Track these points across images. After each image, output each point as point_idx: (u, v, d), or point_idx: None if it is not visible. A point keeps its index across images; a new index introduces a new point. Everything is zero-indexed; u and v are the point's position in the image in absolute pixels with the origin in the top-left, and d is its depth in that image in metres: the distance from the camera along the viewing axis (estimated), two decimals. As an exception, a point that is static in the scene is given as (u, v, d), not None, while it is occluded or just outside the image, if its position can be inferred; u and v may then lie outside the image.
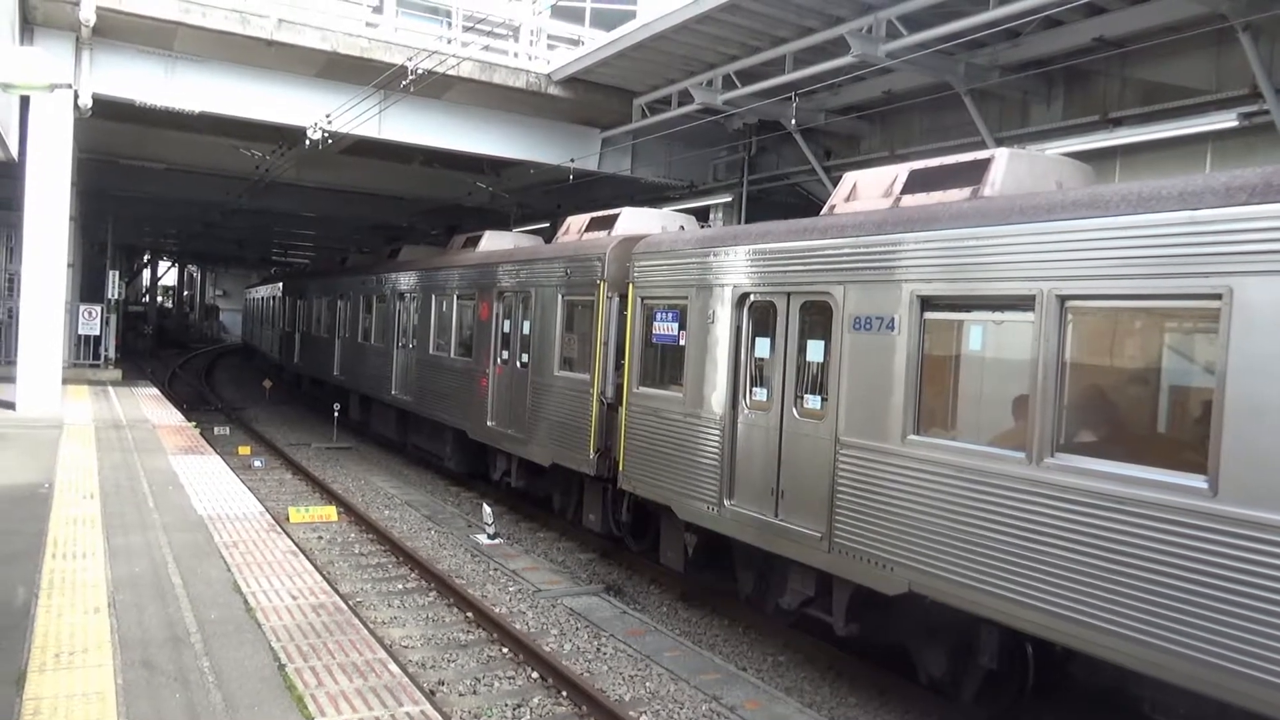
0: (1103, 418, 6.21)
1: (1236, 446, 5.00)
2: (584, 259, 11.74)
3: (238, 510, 9.33)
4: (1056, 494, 5.89)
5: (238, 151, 19.65)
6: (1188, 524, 5.18)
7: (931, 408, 7.05)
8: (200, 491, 10.04)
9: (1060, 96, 11.79)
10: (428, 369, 16.96)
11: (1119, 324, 6.14)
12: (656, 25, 13.14)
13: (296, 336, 29.06)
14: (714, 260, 9.21)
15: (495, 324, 14.12)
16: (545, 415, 12.36)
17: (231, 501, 9.74)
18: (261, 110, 15.66)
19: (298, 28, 14.45)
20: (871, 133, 14.78)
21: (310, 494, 15.29)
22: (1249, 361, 4.98)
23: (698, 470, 9.18)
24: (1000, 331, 6.77)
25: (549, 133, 17.39)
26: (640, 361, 10.41)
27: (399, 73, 13.86)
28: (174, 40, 14.38)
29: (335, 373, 23.46)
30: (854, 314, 7.48)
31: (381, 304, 20.07)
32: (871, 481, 7.23)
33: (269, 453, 18.84)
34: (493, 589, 10.37)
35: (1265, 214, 4.97)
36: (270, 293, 37.51)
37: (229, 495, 10.04)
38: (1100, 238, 5.77)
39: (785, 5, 11.69)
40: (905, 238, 7.14)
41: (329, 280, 25.54)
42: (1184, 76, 10.27)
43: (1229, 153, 9.80)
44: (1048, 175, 7.40)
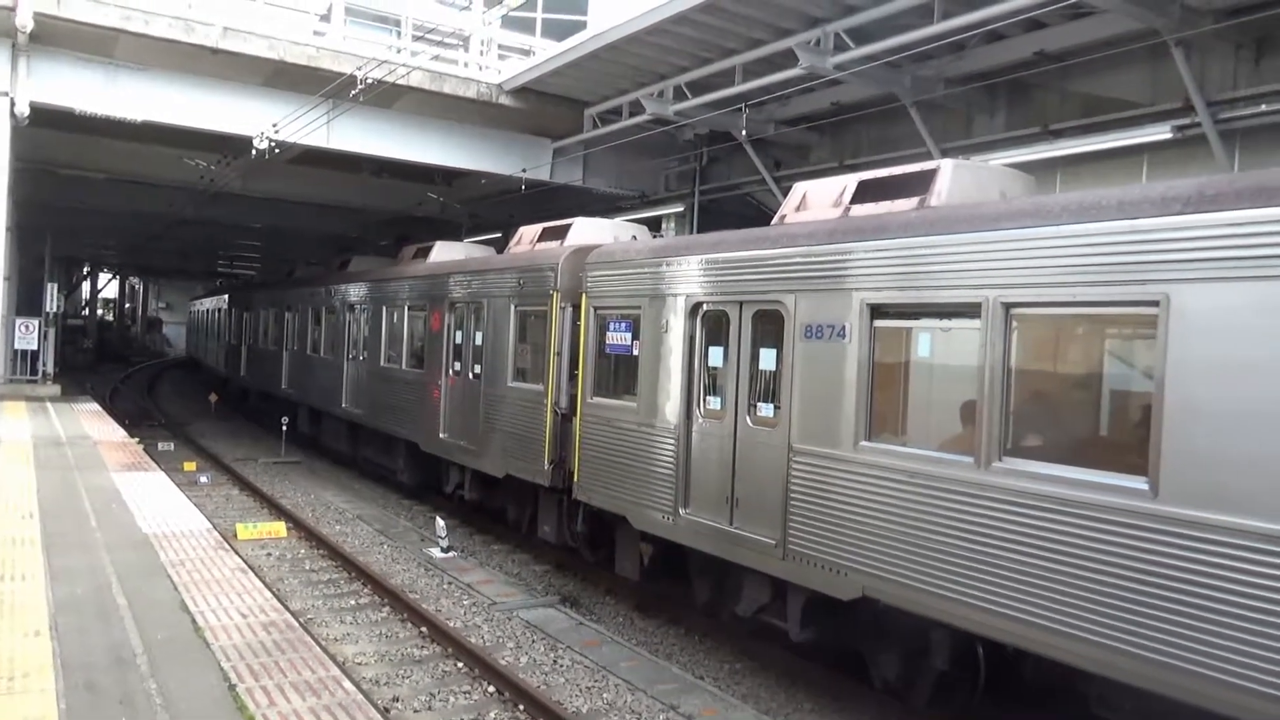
0: (1048, 422, 6.35)
1: (1175, 448, 5.15)
2: (537, 269, 11.71)
3: (184, 527, 9.13)
4: (1004, 497, 6.00)
5: (182, 161, 19.27)
6: (1130, 524, 5.31)
7: (882, 414, 7.15)
8: (144, 509, 9.80)
9: (1003, 109, 12.06)
10: (379, 381, 16.77)
11: (1062, 330, 6.29)
12: (608, 36, 13.19)
13: (243, 349, 28.57)
14: (667, 270, 9.25)
15: (447, 335, 14.02)
16: (499, 427, 12.29)
17: (177, 519, 9.53)
18: (206, 119, 15.39)
19: (244, 36, 14.25)
20: (821, 143, 14.97)
21: (259, 510, 15.02)
22: (1186, 366, 5.13)
23: (653, 480, 9.20)
24: (948, 338, 6.90)
25: (500, 143, 17.34)
26: (594, 372, 10.40)
27: (348, 82, 13.72)
28: (115, 48, 14.09)
29: (284, 386, 23.08)
30: (805, 322, 7.56)
31: (331, 315, 19.82)
32: (824, 488, 7.31)
33: (215, 468, 18.48)
34: (447, 603, 10.27)
35: (1199, 223, 5.14)
36: (216, 305, 36.83)
37: (174, 512, 9.83)
38: (1043, 246, 5.91)
39: (735, 18, 11.81)
40: (855, 247, 7.24)
41: (277, 292, 25.16)
42: (1121, 90, 10.57)
43: (1164, 163, 10.10)
44: (992, 185, 7.56)
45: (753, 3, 11.26)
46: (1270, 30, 9.15)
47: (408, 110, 16.16)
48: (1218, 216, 5.08)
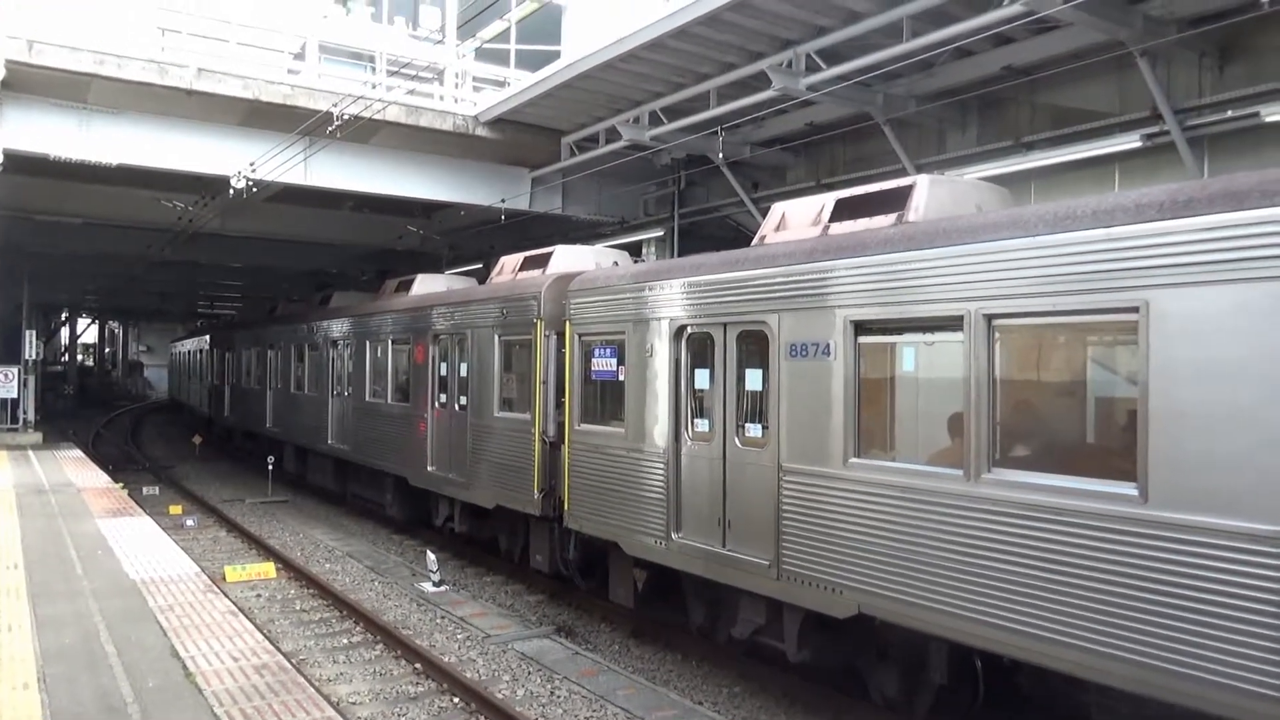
0: (1035, 431, 6.39)
1: (1162, 453, 5.18)
2: (519, 298, 11.72)
3: (172, 572, 9.03)
4: (994, 508, 6.02)
5: (159, 203, 19.21)
6: (1121, 530, 5.34)
7: (870, 430, 7.18)
8: (131, 555, 9.70)
9: (975, 123, 12.20)
10: (364, 416, 16.69)
11: (1045, 340, 6.34)
12: (581, 65, 13.29)
13: (226, 389, 28.39)
14: (649, 294, 9.28)
15: (432, 367, 13.99)
16: (487, 457, 12.24)
17: (165, 563, 9.43)
18: (183, 161, 15.37)
19: (218, 76, 14.27)
20: (797, 164, 15.09)
21: (247, 551, 14.86)
22: (1168, 370, 5.18)
23: (644, 505, 9.17)
24: (932, 352, 6.93)
25: (479, 174, 17.39)
26: (580, 398, 10.39)
27: (324, 119, 13.75)
28: (89, 93, 14.08)
29: (268, 424, 22.93)
30: (790, 341, 7.59)
31: (314, 352, 19.74)
32: (816, 506, 7.31)
33: (202, 511, 18.30)
34: (441, 638, 10.18)
35: (1174, 229, 5.21)
36: (197, 345, 36.63)
37: (162, 557, 9.72)
38: (1021, 257, 5.97)
39: (706, 42, 11.93)
40: (835, 265, 7.29)
41: (259, 330, 25.05)
42: (1090, 101, 10.72)
43: (1136, 171, 10.24)
44: (968, 199, 7.64)
45: (724, 27, 11.38)
46: (1232, 38, 9.32)
47: (385, 145, 16.20)
48: (1191, 222, 5.15)
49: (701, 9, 10.98)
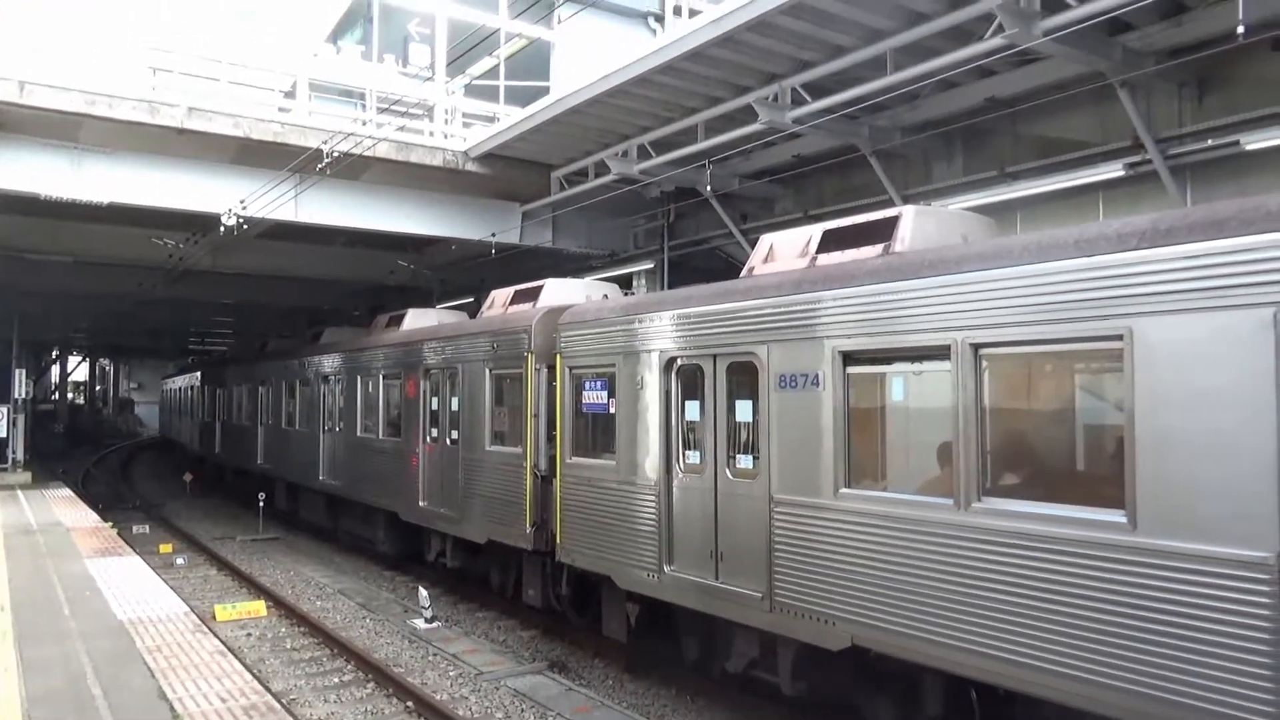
0: (1024, 460, 6.40)
1: (1150, 479, 5.20)
2: (510, 332, 11.74)
3: (161, 612, 8.95)
4: (985, 537, 6.02)
5: (150, 241, 19.22)
6: (1111, 558, 5.34)
7: (860, 460, 7.18)
8: (120, 595, 9.60)
9: (960, 154, 12.32)
10: (356, 451, 16.63)
11: (1032, 368, 6.37)
12: (570, 100, 13.40)
13: (217, 426, 28.28)
14: (639, 327, 9.31)
15: (423, 402, 13.97)
16: (479, 491, 12.20)
17: (154, 603, 9.34)
18: (174, 199, 15.41)
19: (209, 115, 14.34)
20: (785, 195, 15.19)
21: (237, 589, 14.74)
22: (1154, 397, 5.21)
23: (636, 538, 9.14)
24: (921, 382, 6.96)
25: (469, 209, 17.47)
26: (572, 431, 10.38)
27: (314, 156, 13.82)
28: (80, 132, 14.13)
29: (259, 461, 22.82)
30: (779, 372, 7.61)
31: (305, 388, 19.70)
32: (807, 537, 7.29)
33: (192, 549, 18.16)
34: (433, 675, 10.08)
35: (1156, 257, 5.26)
36: (188, 382, 36.53)
37: (151, 597, 9.64)
38: (1007, 287, 6.02)
39: (693, 77, 12.05)
40: (823, 296, 7.33)
41: (250, 367, 25.01)
42: (1073, 131, 10.84)
43: (1119, 200, 10.33)
44: (953, 229, 7.71)
45: (709, 62, 11.50)
46: (1210, 69, 9.45)
47: (375, 181, 16.28)
48: (1173, 250, 5.20)
49: (687, 45, 11.11)
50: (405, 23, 20.39)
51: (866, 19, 10.03)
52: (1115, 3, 8.10)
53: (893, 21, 10.01)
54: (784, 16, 10.03)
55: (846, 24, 10.19)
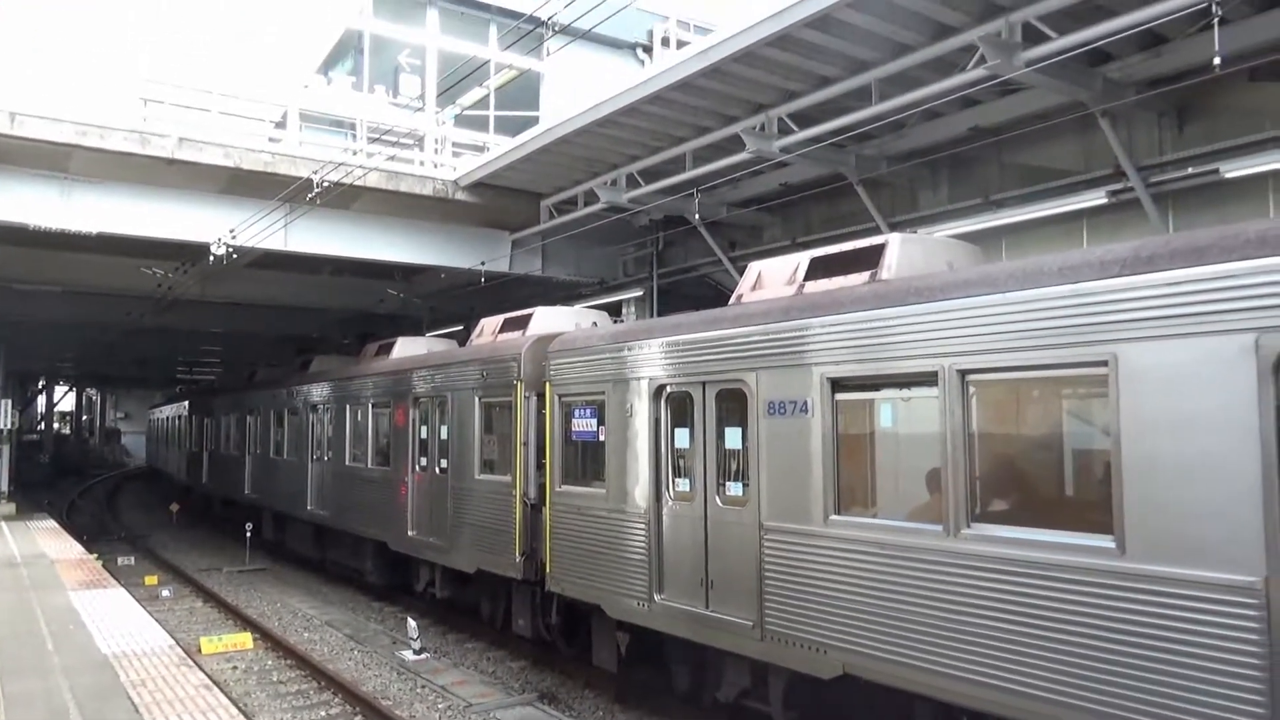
0: (1013, 485, 6.42)
1: (1137, 505, 5.23)
2: (499, 360, 11.74)
3: (145, 645, 8.85)
4: (975, 564, 6.02)
5: (139, 271, 19.20)
6: (1101, 584, 5.35)
7: (850, 487, 7.19)
8: (104, 628, 9.50)
9: (945, 182, 12.44)
10: (344, 481, 16.54)
11: (1018, 394, 6.40)
12: (559, 129, 13.50)
13: (205, 456, 28.11)
14: (629, 354, 9.33)
15: (412, 431, 13.93)
16: (468, 520, 12.14)
17: (138, 636, 9.24)
18: (163, 229, 15.42)
19: (200, 145, 14.39)
20: (772, 223, 15.29)
21: (223, 622, 14.59)
22: (1139, 422, 5.24)
23: (626, 566, 9.10)
24: (909, 408, 6.99)
25: (458, 237, 17.53)
26: (561, 460, 10.37)
27: (305, 185, 13.87)
28: (70, 162, 14.15)
29: (247, 491, 22.67)
30: (768, 399, 7.63)
31: (294, 417, 19.62)
32: (798, 565, 7.28)
33: (178, 580, 17.99)
34: (421, 708, 9.98)
35: (1139, 284, 5.32)
36: (176, 412, 36.34)
37: (135, 629, 9.53)
38: (992, 313, 6.07)
39: (681, 107, 12.17)
40: (811, 323, 7.37)
41: (238, 396, 24.91)
42: (1056, 159, 10.98)
43: (1103, 227, 10.45)
44: (939, 256, 7.77)
45: (697, 93, 11.62)
46: (1189, 99, 9.61)
47: (365, 210, 16.33)
48: (1155, 277, 5.26)
49: (675, 76, 11.23)
50: (396, 54, 20.55)
51: (851, 50, 10.17)
52: (1094, 34, 8.24)
53: (877, 53, 10.14)
54: (770, 48, 10.16)
55: (831, 55, 10.32)
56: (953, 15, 9.23)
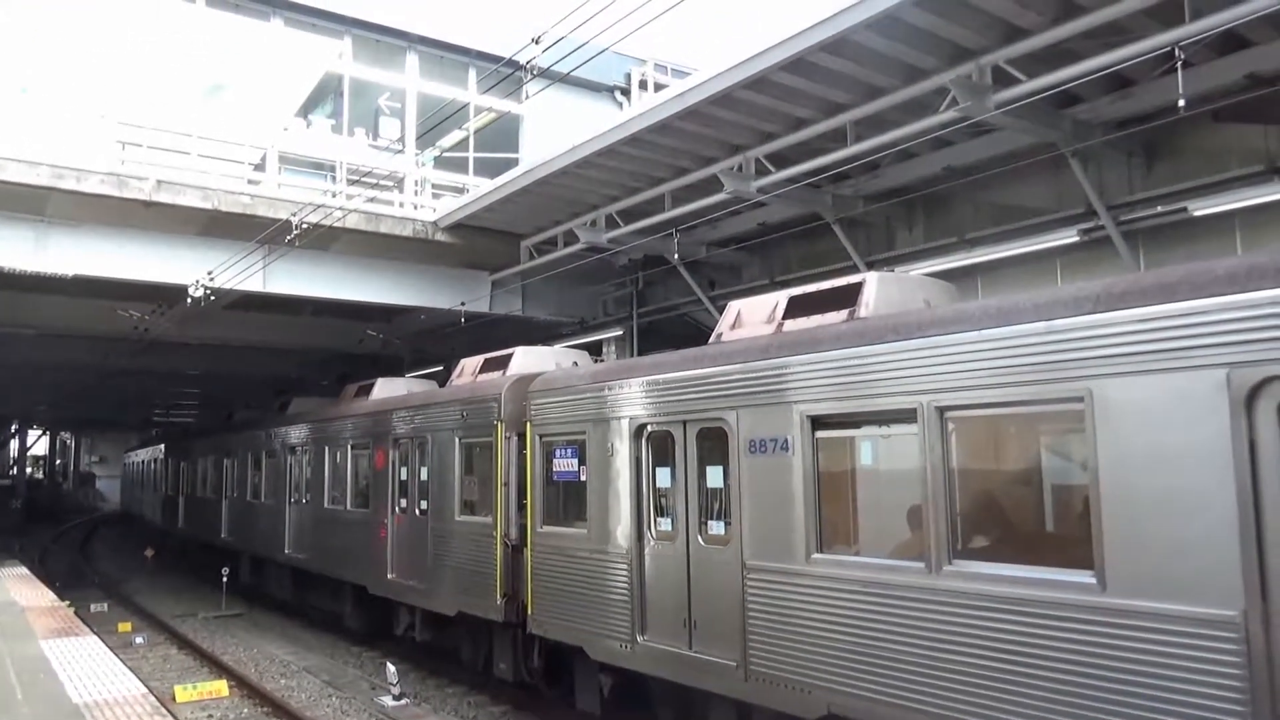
0: (994, 522, 6.45)
1: (1117, 540, 5.26)
2: (480, 400, 11.71)
3: (118, 694, 8.66)
4: (957, 601, 6.02)
5: (115, 313, 19.07)
6: (1082, 619, 5.36)
7: (832, 524, 7.19)
8: (75, 677, 9.29)
9: (921, 221, 12.61)
10: (323, 523, 16.36)
11: (998, 430, 6.45)
12: (538, 171, 13.60)
13: (181, 499, 27.75)
14: (609, 394, 9.33)
15: (392, 472, 13.82)
16: (448, 563, 12.02)
17: (111, 685, 9.04)
18: (140, 271, 15.35)
19: (177, 188, 14.38)
20: (751, 262, 15.42)
21: (198, 669, 14.32)
22: (1116, 458, 5.29)
23: (608, 607, 9.03)
24: (889, 445, 7.02)
25: (438, 278, 17.54)
26: (543, 500, 10.31)
27: (283, 227, 13.87)
28: (46, 206, 14.10)
29: (224, 534, 22.38)
30: (749, 437, 7.65)
31: (272, 459, 19.43)
32: (781, 604, 7.25)
33: (152, 627, 17.66)
34: (401, 754, 9.80)
35: (1111, 321, 5.40)
36: (151, 455, 35.90)
37: (108, 678, 9.33)
38: (969, 350, 6.13)
39: (659, 149, 12.30)
40: (791, 361, 7.41)
41: (215, 438, 24.67)
42: (1028, 198, 11.16)
43: (1076, 265, 10.60)
44: (916, 295, 7.86)
45: (674, 134, 11.76)
46: (1157, 139, 9.82)
47: (345, 251, 16.34)
48: (1128, 313, 5.34)
49: (653, 118, 11.37)
50: (376, 97, 20.70)
51: (826, 93, 10.34)
52: (1062, 77, 8.43)
53: (851, 95, 10.32)
54: (746, 91, 10.31)
55: (806, 98, 10.49)
56: (924, 59, 9.42)
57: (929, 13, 8.50)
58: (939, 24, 8.72)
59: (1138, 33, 8.09)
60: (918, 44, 9.14)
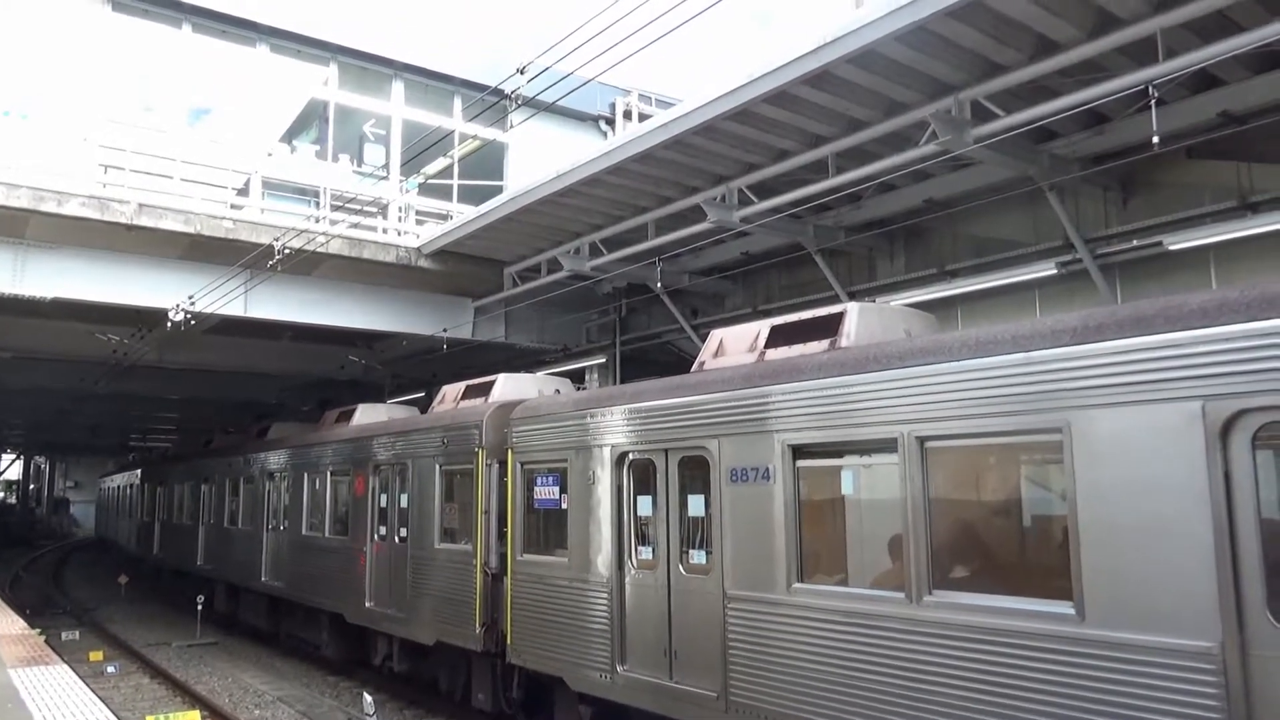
0: (974, 552, 6.46)
1: (1095, 571, 5.28)
2: (461, 427, 11.66)
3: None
4: (938, 631, 6.02)
5: (94, 336, 18.91)
6: (1062, 650, 5.37)
7: (813, 554, 7.19)
8: (44, 707, 9.11)
9: (901, 252, 12.74)
10: (301, 551, 16.18)
11: (977, 461, 6.48)
12: (523, 199, 13.65)
13: (156, 525, 27.38)
14: (592, 422, 9.32)
15: (372, 499, 13.72)
16: (427, 591, 11.91)
17: (81, 715, 8.87)
18: (120, 294, 15.24)
19: (160, 212, 14.32)
20: (734, 291, 15.50)
21: (170, 699, 14.06)
22: (1094, 489, 5.33)
23: (588, 637, 8.97)
24: (870, 474, 7.04)
25: (421, 304, 17.52)
26: (523, 528, 10.26)
27: (266, 252, 13.84)
28: (26, 228, 14.00)
29: (200, 561, 22.09)
30: (730, 466, 7.65)
31: (250, 485, 19.24)
32: (761, 634, 7.22)
33: (124, 656, 17.35)
34: (377, 786, 9.65)
35: (1088, 353, 5.45)
36: (127, 480, 35.47)
37: (78, 708, 9.15)
38: (949, 381, 6.18)
39: (643, 178, 12.39)
40: (772, 390, 7.43)
41: (192, 464, 24.42)
42: (1007, 231, 11.30)
43: (1054, 297, 10.73)
44: (897, 325, 7.92)
45: (658, 164, 11.85)
46: (1133, 174, 9.99)
47: (327, 276, 16.30)
48: (1104, 346, 5.41)
49: (637, 147, 11.46)
50: (361, 123, 20.74)
51: (808, 125, 10.47)
52: (1039, 113, 8.57)
53: (833, 128, 10.45)
54: (729, 122, 10.42)
55: (789, 130, 10.61)
56: (905, 93, 9.56)
57: (910, 48, 8.64)
58: (919, 59, 8.87)
59: (1113, 71, 8.26)
60: (898, 79, 9.29)
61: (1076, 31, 8.21)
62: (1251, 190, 9.17)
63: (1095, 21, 8.09)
